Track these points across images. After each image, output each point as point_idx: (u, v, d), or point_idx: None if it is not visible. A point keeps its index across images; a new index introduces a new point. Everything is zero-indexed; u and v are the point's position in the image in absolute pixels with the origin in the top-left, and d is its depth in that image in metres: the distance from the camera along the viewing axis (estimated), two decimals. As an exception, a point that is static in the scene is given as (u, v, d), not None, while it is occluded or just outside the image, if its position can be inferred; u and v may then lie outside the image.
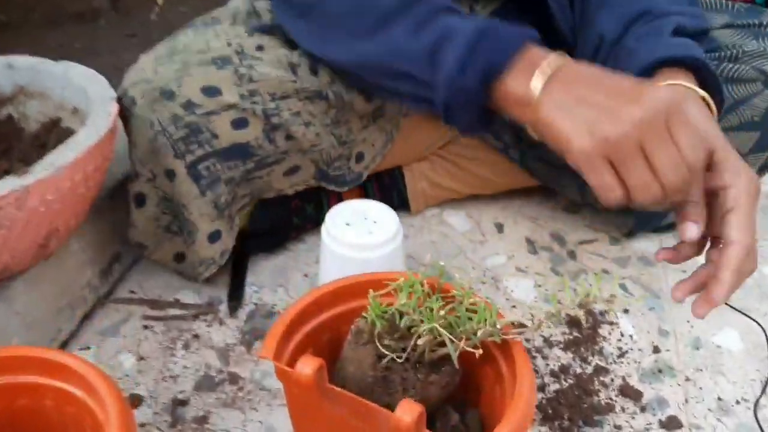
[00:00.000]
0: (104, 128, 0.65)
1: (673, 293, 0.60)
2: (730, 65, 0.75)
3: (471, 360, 0.57)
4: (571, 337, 0.76)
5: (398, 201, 0.92)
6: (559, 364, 0.73)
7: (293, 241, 0.89)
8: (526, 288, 0.84)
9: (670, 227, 0.91)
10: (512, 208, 0.96)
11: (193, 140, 0.70)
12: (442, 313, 0.49)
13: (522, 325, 0.53)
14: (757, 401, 0.69)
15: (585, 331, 0.77)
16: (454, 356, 0.49)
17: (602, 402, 0.69)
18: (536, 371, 0.72)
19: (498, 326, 0.50)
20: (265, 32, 0.75)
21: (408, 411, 0.43)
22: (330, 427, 0.52)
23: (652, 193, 0.54)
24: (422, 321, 0.50)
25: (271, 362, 0.51)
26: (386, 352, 0.51)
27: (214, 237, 0.75)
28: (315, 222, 0.88)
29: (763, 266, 0.87)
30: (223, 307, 0.79)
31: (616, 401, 0.69)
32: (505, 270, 0.87)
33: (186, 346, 0.75)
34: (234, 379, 0.71)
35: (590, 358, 0.74)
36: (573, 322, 0.78)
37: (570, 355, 0.74)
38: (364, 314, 0.53)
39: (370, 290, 0.53)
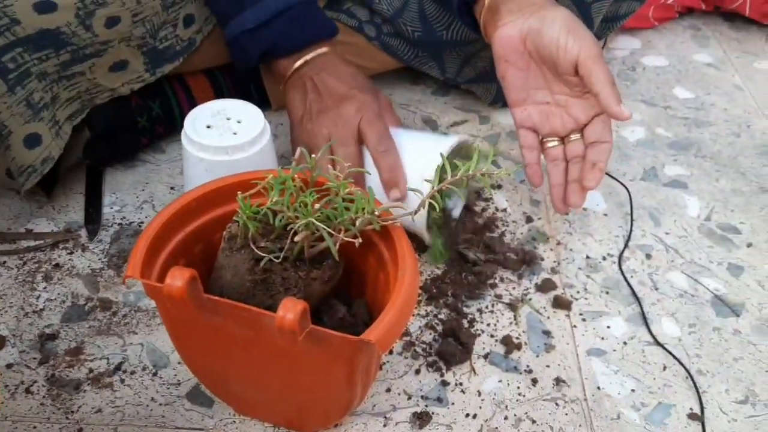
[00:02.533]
0: None
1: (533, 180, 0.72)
2: None
3: (353, 251, 0.56)
4: (449, 218, 0.77)
5: (258, 96, 0.87)
6: (440, 244, 0.74)
7: (150, 150, 0.82)
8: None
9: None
10: (382, 96, 0.94)
11: None
12: (317, 206, 0.47)
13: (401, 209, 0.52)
14: (621, 254, 0.74)
15: (462, 210, 0.78)
16: (334, 249, 0.48)
17: (483, 276, 0.71)
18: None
19: (376, 213, 0.49)
20: None
21: (290, 309, 0.42)
22: (213, 339, 0.50)
23: None
24: (297, 217, 0.48)
25: (139, 281, 0.47)
26: (263, 254, 0.49)
27: (31, 141, 0.67)
28: (166, 124, 0.82)
29: (622, 129, 0.91)
30: (84, 232, 0.73)
31: (496, 273, 0.72)
32: (380, 159, 0.85)
33: (47, 278, 0.68)
34: (106, 304, 0.66)
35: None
36: (450, 203, 0.78)
37: (450, 235, 0.75)
38: (235, 218, 0.50)
39: (239, 192, 0.49)
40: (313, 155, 0.51)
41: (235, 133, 0.65)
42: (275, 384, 0.52)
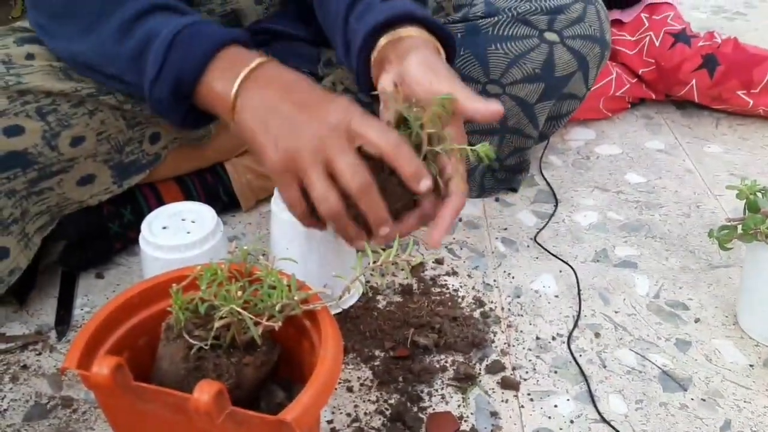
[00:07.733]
0: None
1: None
2: (507, 25, 0.84)
3: (291, 337, 0.59)
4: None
5: (227, 198, 0.92)
6: (394, 331, 0.76)
7: (122, 254, 0.87)
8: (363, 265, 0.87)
9: (492, 189, 0.98)
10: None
11: None
12: (239, 293, 0.51)
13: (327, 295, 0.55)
14: (570, 334, 0.76)
15: (417, 297, 0.81)
16: (256, 334, 0.51)
17: (434, 360, 0.73)
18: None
19: (296, 298, 0.52)
20: (36, 42, 0.73)
21: (205, 390, 0.44)
22: (150, 426, 0.52)
23: (330, 204, 0.56)
24: (222, 305, 0.51)
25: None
26: (194, 342, 0.52)
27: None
28: (138, 229, 0.86)
29: (575, 214, 0.95)
30: (54, 333, 0.77)
31: (446, 357, 0.73)
32: (343, 253, 0.89)
33: (14, 379, 0.71)
34: (67, 402, 0.69)
35: (422, 321, 0.78)
36: (406, 291, 0.82)
37: (403, 321, 0.78)
38: (168, 308, 0.54)
39: (173, 285, 0.53)
40: (246, 247, 0.55)
41: (188, 233, 0.70)
42: (211, 470, 0.53)
